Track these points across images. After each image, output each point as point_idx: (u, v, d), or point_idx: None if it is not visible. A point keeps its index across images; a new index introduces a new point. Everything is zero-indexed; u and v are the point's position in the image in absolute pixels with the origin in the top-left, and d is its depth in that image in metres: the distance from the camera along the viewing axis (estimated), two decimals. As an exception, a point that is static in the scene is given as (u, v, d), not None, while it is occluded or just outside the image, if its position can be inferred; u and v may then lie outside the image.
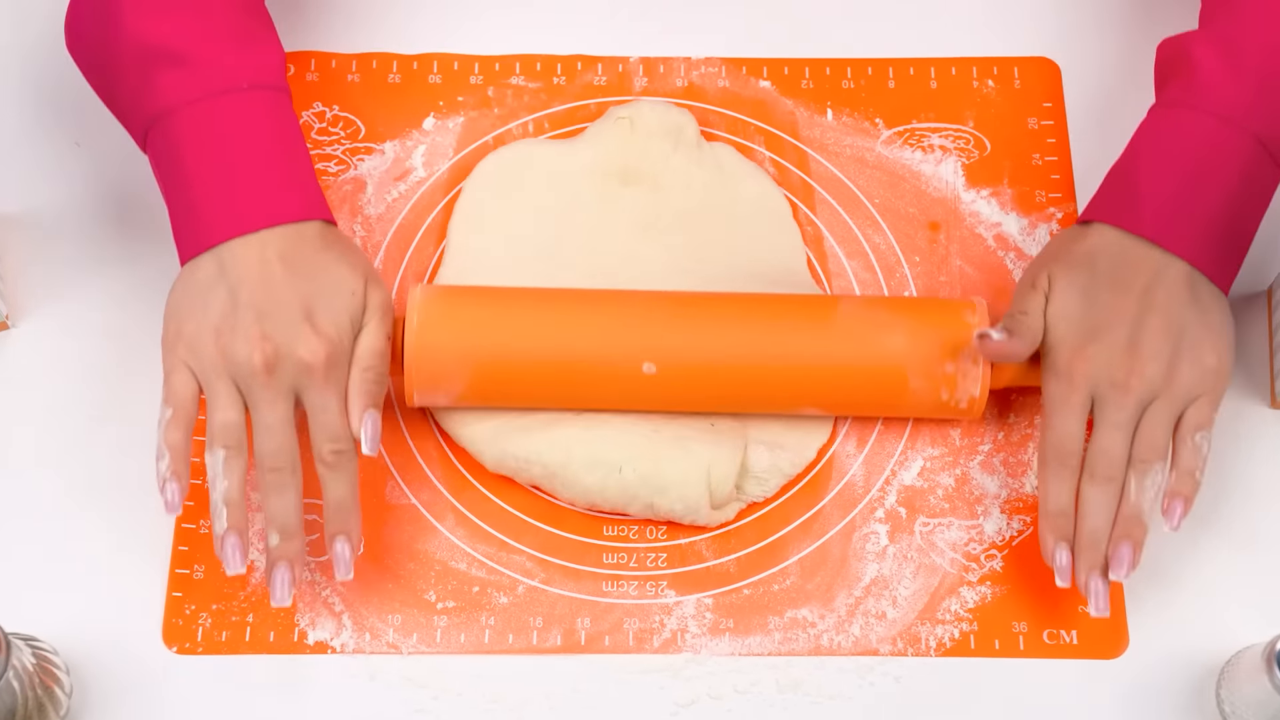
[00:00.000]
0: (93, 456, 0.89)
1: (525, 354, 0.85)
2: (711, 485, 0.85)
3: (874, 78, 1.00)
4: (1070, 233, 0.87)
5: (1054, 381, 0.84)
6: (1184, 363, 0.83)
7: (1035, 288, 0.85)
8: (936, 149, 0.98)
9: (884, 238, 0.96)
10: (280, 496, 0.81)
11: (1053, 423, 0.84)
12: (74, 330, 0.92)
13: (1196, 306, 0.84)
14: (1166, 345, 0.83)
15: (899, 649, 0.85)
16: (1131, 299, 0.83)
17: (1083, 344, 0.83)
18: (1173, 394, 0.83)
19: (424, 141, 0.98)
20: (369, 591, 0.86)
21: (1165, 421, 0.83)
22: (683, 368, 0.86)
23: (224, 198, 0.83)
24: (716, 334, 0.86)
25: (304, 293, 0.82)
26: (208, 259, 0.83)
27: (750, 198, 0.94)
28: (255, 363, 0.80)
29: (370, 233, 0.95)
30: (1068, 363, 0.83)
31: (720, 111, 0.99)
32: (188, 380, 0.82)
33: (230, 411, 0.81)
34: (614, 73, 1.00)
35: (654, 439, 0.86)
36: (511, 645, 0.85)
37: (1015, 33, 1.02)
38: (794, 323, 0.87)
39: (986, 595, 0.86)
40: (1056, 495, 0.83)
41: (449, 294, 0.87)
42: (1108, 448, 0.82)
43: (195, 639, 0.85)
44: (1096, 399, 0.83)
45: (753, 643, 0.85)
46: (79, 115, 0.98)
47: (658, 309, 0.87)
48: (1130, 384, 0.82)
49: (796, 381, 0.86)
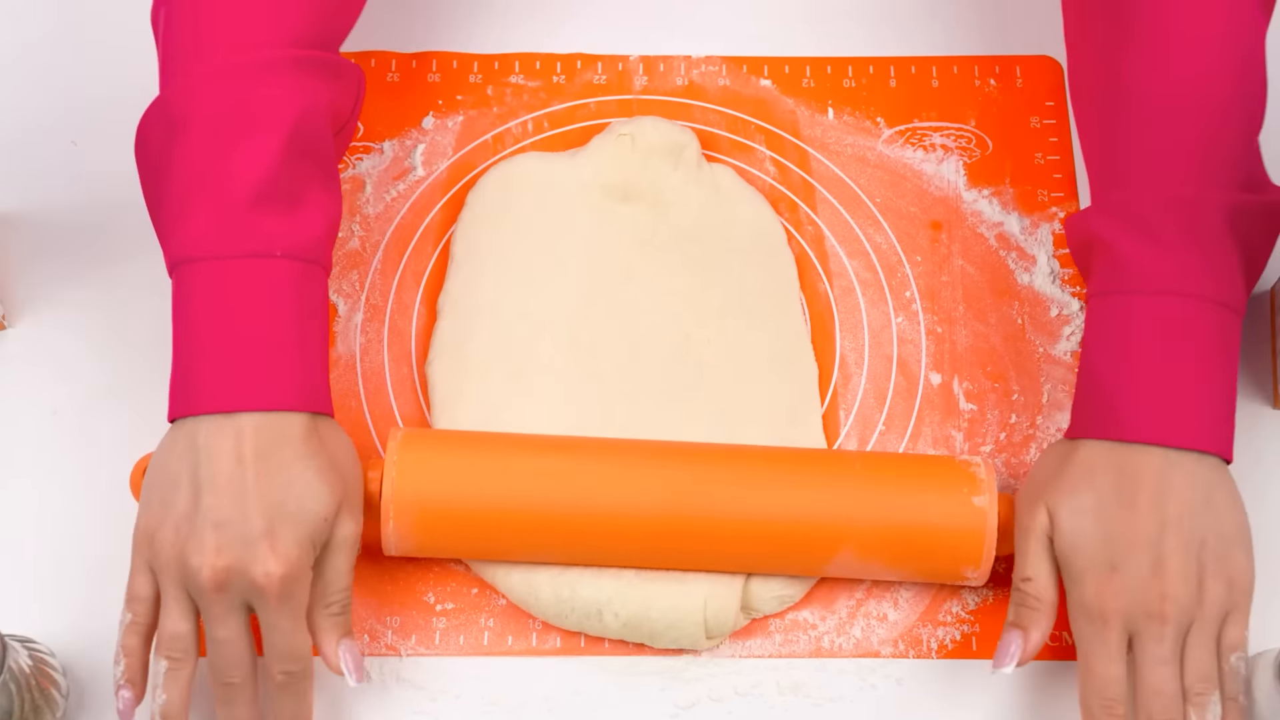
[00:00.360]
0: (89, 457, 0.89)
1: (510, 518, 0.82)
2: (708, 622, 0.83)
3: (875, 76, 1.00)
4: (1057, 452, 0.83)
5: (1085, 623, 0.79)
6: (1210, 579, 0.78)
7: (1033, 532, 0.81)
8: (938, 148, 0.98)
9: (885, 237, 0.95)
10: (230, 709, 0.78)
11: (1094, 668, 0.78)
12: (71, 330, 0.92)
13: (1212, 513, 0.79)
14: (1192, 563, 0.78)
15: (900, 651, 0.85)
16: (1145, 517, 0.78)
17: (1106, 576, 0.78)
18: (1206, 615, 0.78)
19: (423, 140, 0.98)
20: (367, 593, 0.85)
21: (1209, 645, 0.78)
22: (679, 530, 0.82)
23: (216, 367, 0.78)
24: (719, 499, 0.82)
25: (270, 503, 0.76)
26: (183, 440, 0.78)
27: (746, 221, 0.94)
28: (205, 578, 0.76)
29: (369, 232, 0.95)
30: (1096, 601, 0.78)
31: (721, 110, 0.99)
32: (147, 582, 0.78)
33: (181, 623, 0.77)
34: (614, 71, 1.00)
35: (639, 574, 0.83)
36: (511, 647, 0.85)
37: (1017, 31, 1.02)
38: (798, 490, 0.83)
39: (988, 597, 0.86)
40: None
41: (428, 443, 0.83)
42: (1160, 687, 0.77)
43: (193, 641, 0.84)
44: (1134, 635, 0.78)
45: (753, 644, 0.85)
46: (75, 114, 0.97)
47: (649, 466, 0.83)
48: (1166, 612, 0.77)
49: (801, 548, 0.83)
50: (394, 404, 0.91)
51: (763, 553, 0.83)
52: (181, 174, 0.79)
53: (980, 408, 0.91)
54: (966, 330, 0.93)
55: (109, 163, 0.95)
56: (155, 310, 0.86)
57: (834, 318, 0.93)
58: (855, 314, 0.93)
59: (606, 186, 0.94)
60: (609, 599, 0.83)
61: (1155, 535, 0.78)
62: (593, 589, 0.83)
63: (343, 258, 0.94)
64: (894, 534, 0.82)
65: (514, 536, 0.82)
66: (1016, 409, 0.91)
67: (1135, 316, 0.81)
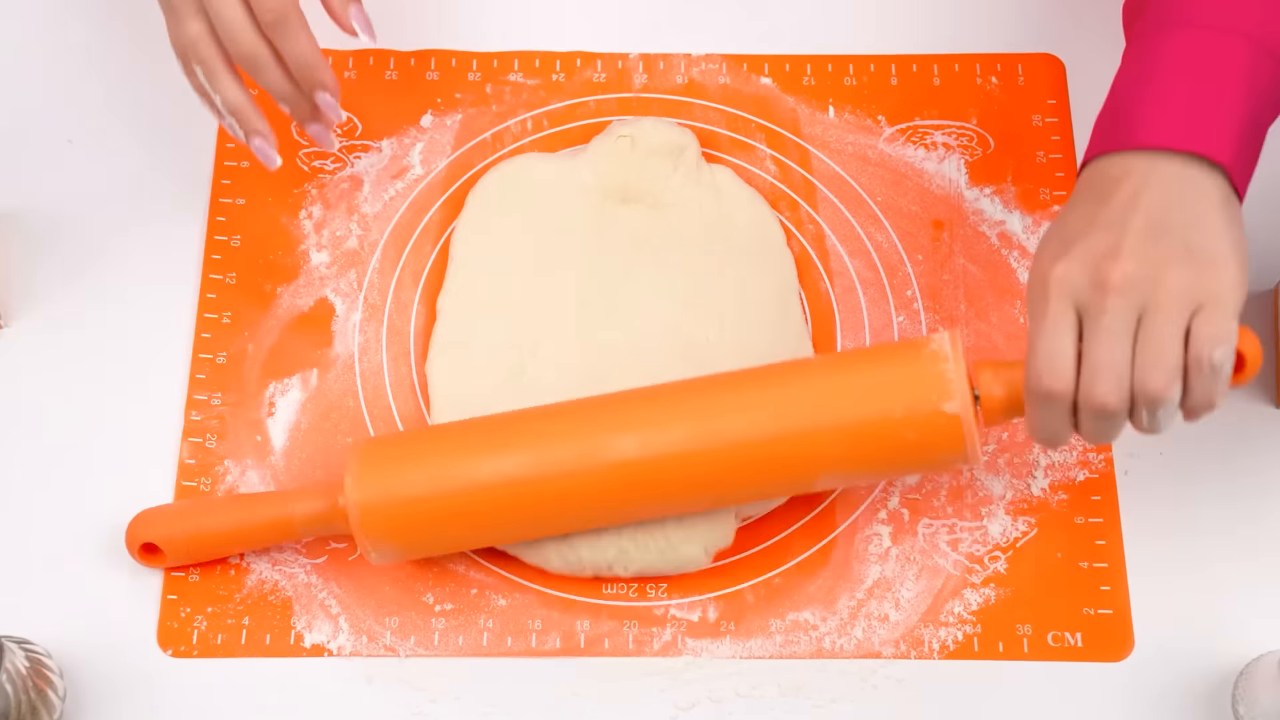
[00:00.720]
0: (85, 457, 0.88)
1: (482, 504, 0.81)
2: (707, 547, 0.85)
3: (876, 74, 1.00)
4: None
5: (1030, 300, 0.75)
6: (1176, 263, 0.72)
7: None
8: (939, 146, 0.97)
9: (886, 236, 0.95)
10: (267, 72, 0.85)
11: (1034, 346, 0.73)
12: (67, 329, 0.92)
13: (1192, 211, 0.74)
14: (1153, 246, 0.72)
15: (902, 651, 0.84)
16: (1114, 206, 0.74)
17: (1057, 250, 0.74)
18: (1163, 297, 0.71)
19: (421, 139, 0.97)
20: (366, 594, 0.85)
21: (1168, 330, 0.71)
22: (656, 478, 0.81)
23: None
24: (693, 426, 0.81)
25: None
26: None
27: (745, 222, 0.94)
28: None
29: (367, 231, 0.95)
30: (1041, 271, 0.74)
31: (721, 109, 0.98)
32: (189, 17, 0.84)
33: (192, 23, 0.84)
34: (613, 69, 1.00)
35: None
36: (510, 648, 0.84)
37: (1019, 29, 1.01)
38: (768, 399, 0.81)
39: (990, 597, 0.86)
40: (1045, 424, 0.75)
41: (383, 451, 0.83)
42: (1101, 362, 0.72)
43: (190, 642, 0.84)
44: (1082, 311, 0.73)
45: (754, 645, 0.85)
46: (71, 112, 0.97)
47: (612, 418, 0.82)
48: (1110, 280, 0.72)
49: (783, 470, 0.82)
50: (392, 404, 0.90)
51: (744, 482, 0.82)
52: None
53: (982, 407, 0.90)
54: (968, 329, 0.92)
55: (104, 161, 0.95)
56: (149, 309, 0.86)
57: (835, 317, 0.93)
58: (856, 313, 0.93)
59: (606, 189, 0.94)
60: (612, 562, 0.84)
61: (1119, 218, 0.74)
62: (593, 552, 0.84)
63: (340, 257, 0.94)
64: (874, 456, 0.81)
65: (491, 522, 0.82)
66: (1019, 408, 0.90)
67: (1176, 46, 0.78)
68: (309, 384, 0.91)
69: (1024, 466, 0.89)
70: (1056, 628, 0.85)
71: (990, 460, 0.89)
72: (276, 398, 0.90)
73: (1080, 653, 0.84)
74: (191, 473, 0.88)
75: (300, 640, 0.84)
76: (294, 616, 0.85)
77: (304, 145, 0.96)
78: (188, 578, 0.86)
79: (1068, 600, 0.85)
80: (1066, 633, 0.84)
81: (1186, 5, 0.79)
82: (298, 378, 0.91)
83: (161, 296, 0.92)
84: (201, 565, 0.86)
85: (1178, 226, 0.74)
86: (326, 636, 0.84)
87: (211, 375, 0.90)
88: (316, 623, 0.85)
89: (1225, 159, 0.75)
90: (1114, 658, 0.84)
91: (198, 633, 0.84)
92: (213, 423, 0.89)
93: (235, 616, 0.85)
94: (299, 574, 0.86)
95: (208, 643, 0.84)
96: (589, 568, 0.85)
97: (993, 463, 0.89)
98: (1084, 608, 0.85)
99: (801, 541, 0.87)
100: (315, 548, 0.86)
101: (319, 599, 0.85)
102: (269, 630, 0.85)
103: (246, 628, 0.85)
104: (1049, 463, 0.88)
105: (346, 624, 0.85)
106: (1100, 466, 0.88)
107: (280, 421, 0.89)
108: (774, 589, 0.86)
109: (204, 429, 0.89)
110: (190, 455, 0.88)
